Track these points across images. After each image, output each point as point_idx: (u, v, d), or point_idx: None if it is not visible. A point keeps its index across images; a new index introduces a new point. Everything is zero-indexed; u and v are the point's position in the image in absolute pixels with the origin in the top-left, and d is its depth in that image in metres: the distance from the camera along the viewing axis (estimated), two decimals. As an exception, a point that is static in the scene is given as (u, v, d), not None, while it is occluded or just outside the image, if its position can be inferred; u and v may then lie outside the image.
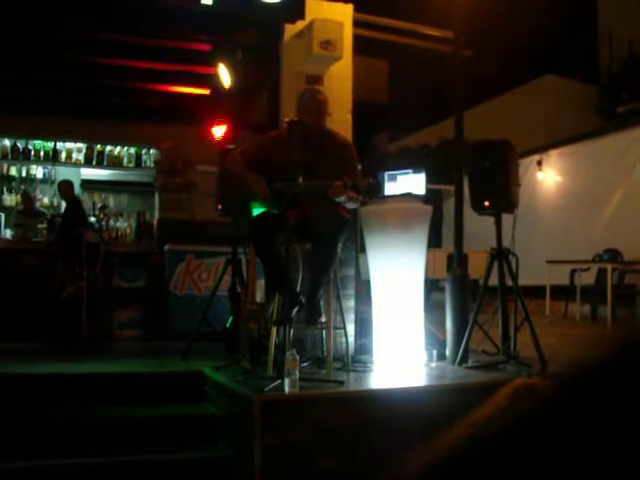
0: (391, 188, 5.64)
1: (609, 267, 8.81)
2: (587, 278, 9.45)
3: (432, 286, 6.83)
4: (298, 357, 4.17)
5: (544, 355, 5.06)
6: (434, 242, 5.73)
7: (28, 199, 8.91)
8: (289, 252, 4.54)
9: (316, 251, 4.66)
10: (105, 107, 8.50)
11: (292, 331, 4.51)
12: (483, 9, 6.19)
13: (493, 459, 0.65)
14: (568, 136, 11.85)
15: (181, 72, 7.67)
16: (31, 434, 4.21)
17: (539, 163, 11.70)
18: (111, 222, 8.38)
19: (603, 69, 15.79)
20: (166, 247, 7.48)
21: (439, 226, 11.68)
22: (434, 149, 15.44)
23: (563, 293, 9.48)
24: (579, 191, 11.03)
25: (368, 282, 5.67)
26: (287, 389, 4.05)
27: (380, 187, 5.60)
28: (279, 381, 4.10)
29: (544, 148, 11.89)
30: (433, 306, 6.49)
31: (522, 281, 5.39)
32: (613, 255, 9.51)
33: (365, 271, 5.79)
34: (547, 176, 11.78)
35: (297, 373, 4.09)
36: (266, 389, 4.02)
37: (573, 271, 9.49)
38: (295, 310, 4.50)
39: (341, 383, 4.43)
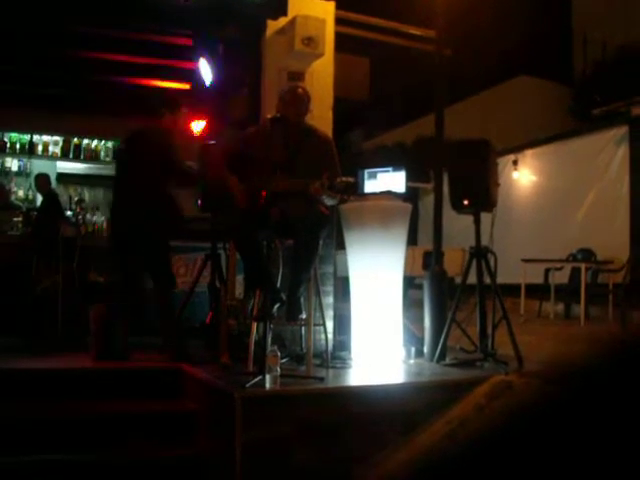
0: (371, 186, 5.65)
1: (583, 266, 8.94)
2: (561, 277, 9.58)
3: (409, 283, 6.86)
4: (279, 353, 4.18)
5: (521, 353, 5.12)
6: (410, 240, 5.77)
7: (3, 192, 8.80)
8: (270, 248, 4.55)
9: (297, 248, 4.67)
10: (83, 100, 8.42)
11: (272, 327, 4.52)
12: (460, 10, 6.24)
13: (471, 456, 0.66)
14: (543, 137, 11.98)
15: (161, 66, 7.62)
16: (6, 430, 4.15)
17: (515, 163, 11.82)
18: (87, 216, 8.30)
19: (577, 71, 15.96)
20: (143, 242, 7.42)
21: (415, 224, 11.73)
22: (410, 147, 15.50)
23: (537, 291, 9.58)
24: (554, 191, 11.16)
25: (345, 279, 5.69)
26: (268, 385, 4.05)
27: (358, 186, 5.63)
28: (260, 377, 4.09)
29: (520, 148, 12.01)
30: (410, 303, 6.52)
31: (498, 279, 5.45)
32: (587, 255, 9.64)
33: (342, 268, 5.81)
34: (522, 176, 11.90)
35: (278, 369, 4.10)
36: (247, 385, 4.02)
37: (547, 270, 9.60)
38: (276, 307, 4.51)
39: (321, 379, 4.44)
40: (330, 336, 5.35)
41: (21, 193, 9.57)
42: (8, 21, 6.38)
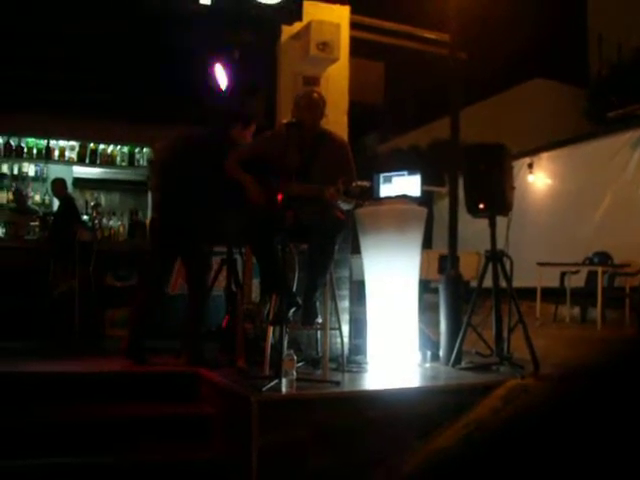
0: (386, 189, 5.66)
1: (599, 270, 8.88)
2: (577, 280, 9.52)
3: (424, 287, 6.85)
4: (295, 357, 4.19)
5: (537, 357, 5.10)
6: (425, 243, 5.76)
7: (20, 197, 8.87)
8: (286, 252, 4.56)
9: (313, 253, 4.68)
10: (99, 105, 8.46)
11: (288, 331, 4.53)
12: (473, 12, 6.24)
13: (487, 460, 0.66)
14: (559, 139, 11.93)
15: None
16: (19, 434, 4.18)
17: (530, 166, 11.78)
18: (104, 220, 8.36)
19: (593, 73, 15.89)
20: (159, 246, 7.45)
21: (429, 227, 11.70)
22: (425, 150, 15.47)
23: (553, 295, 9.54)
24: (570, 194, 11.12)
25: (361, 283, 5.70)
26: (284, 389, 4.06)
27: (373, 190, 5.64)
28: (276, 381, 4.10)
29: (535, 151, 11.97)
30: (425, 307, 6.51)
31: (513, 283, 5.43)
32: (603, 258, 9.58)
33: (358, 272, 5.81)
34: (538, 179, 11.86)
35: (294, 373, 4.11)
36: (263, 389, 4.03)
37: (563, 273, 9.55)
38: (292, 311, 4.53)
39: (337, 383, 4.44)
40: (346, 340, 5.35)
41: (38, 198, 9.62)
42: (24, 26, 6.43)
